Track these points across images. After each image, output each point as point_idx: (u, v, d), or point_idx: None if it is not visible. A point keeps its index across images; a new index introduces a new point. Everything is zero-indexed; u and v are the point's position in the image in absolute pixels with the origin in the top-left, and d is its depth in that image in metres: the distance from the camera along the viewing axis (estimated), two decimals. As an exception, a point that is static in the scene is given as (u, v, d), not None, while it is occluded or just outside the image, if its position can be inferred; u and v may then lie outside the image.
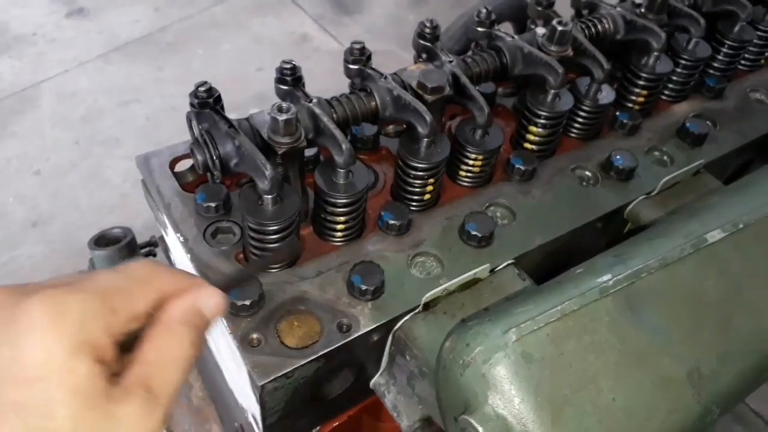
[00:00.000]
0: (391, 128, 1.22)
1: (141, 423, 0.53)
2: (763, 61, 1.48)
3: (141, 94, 3.48)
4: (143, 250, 1.52)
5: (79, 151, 3.19)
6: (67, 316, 0.51)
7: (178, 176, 1.09)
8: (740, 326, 0.80)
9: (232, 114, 0.96)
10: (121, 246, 1.46)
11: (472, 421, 0.67)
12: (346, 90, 1.10)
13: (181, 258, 1.08)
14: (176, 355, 0.57)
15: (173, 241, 1.07)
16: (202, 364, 1.45)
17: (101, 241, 1.49)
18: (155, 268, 0.60)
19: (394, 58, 3.75)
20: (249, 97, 3.42)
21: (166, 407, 0.55)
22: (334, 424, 1.18)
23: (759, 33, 1.41)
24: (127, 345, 0.56)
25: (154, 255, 1.54)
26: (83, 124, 3.31)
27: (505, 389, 0.68)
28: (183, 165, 1.12)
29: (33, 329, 0.51)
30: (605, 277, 0.77)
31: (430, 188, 1.07)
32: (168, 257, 1.29)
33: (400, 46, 3.81)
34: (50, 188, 3.03)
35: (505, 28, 2.06)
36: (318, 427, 1.16)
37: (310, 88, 1.01)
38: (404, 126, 1.06)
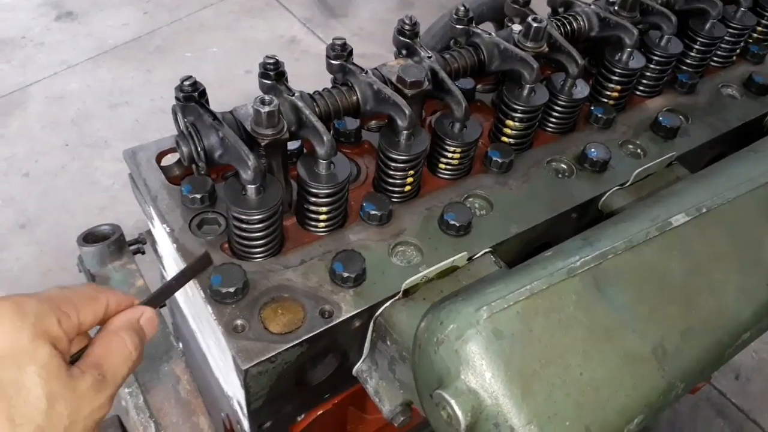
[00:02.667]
0: (373, 123, 1.25)
1: (94, 397, 0.67)
2: (734, 57, 1.52)
3: (130, 96, 3.51)
4: (132, 247, 1.55)
5: (68, 153, 3.20)
6: (27, 312, 0.65)
7: (164, 170, 1.12)
8: (702, 305, 0.83)
9: (220, 115, 0.99)
10: (109, 242, 1.49)
11: (446, 395, 0.70)
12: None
13: (167, 249, 1.10)
14: (121, 352, 0.72)
15: (160, 232, 1.10)
16: (189, 357, 1.47)
17: (90, 237, 1.51)
18: (99, 289, 0.76)
19: (382, 60, 3.78)
20: (237, 99, 3.41)
21: (113, 390, 0.70)
22: (319, 412, 1.20)
23: (730, 30, 1.45)
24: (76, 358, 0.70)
25: (143, 252, 1.57)
26: (72, 127, 3.33)
27: (476, 364, 0.71)
28: (169, 159, 1.15)
29: (2, 321, 0.63)
30: (573, 258, 0.80)
31: (410, 180, 1.11)
32: (155, 250, 1.31)
33: (388, 49, 3.83)
34: (39, 190, 3.04)
35: (487, 28, 2.10)
36: (302, 415, 1.19)
37: (298, 89, 1.04)
38: (385, 120, 1.10)
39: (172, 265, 1.15)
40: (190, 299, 1.11)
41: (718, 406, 2.71)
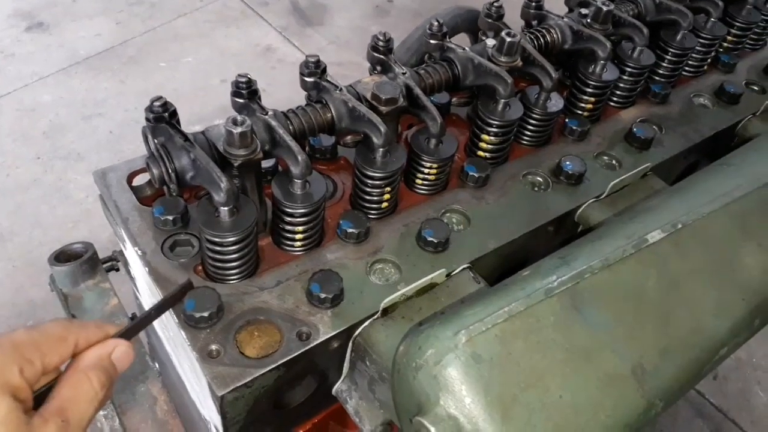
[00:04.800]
0: (349, 138, 1.24)
1: None
2: (705, 67, 1.54)
3: (103, 107, 3.45)
4: (105, 265, 1.52)
5: (41, 166, 3.14)
6: None
7: (136, 190, 1.10)
8: (680, 322, 0.84)
9: (195, 126, 0.97)
10: (82, 261, 1.45)
11: (425, 422, 0.69)
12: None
13: (139, 271, 1.08)
14: (87, 393, 0.69)
15: (132, 255, 1.08)
16: (166, 377, 1.44)
17: (61, 256, 1.47)
18: (69, 327, 0.72)
19: (358, 68, 3.78)
20: (213, 109, 3.41)
21: None
22: (299, 432, 1.19)
23: (701, 41, 1.47)
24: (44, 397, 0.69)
25: (117, 269, 1.54)
26: (45, 139, 3.26)
27: (456, 390, 0.70)
28: (141, 179, 1.13)
29: None
30: (550, 278, 0.80)
31: (387, 196, 1.10)
32: (128, 271, 1.29)
33: (365, 57, 3.84)
34: (10, 204, 2.97)
35: (462, 40, 2.10)
36: (283, 436, 1.17)
37: (275, 98, 1.03)
38: (361, 136, 1.09)
39: (145, 287, 1.13)
40: (163, 323, 1.08)
41: (697, 406, 2.73)
